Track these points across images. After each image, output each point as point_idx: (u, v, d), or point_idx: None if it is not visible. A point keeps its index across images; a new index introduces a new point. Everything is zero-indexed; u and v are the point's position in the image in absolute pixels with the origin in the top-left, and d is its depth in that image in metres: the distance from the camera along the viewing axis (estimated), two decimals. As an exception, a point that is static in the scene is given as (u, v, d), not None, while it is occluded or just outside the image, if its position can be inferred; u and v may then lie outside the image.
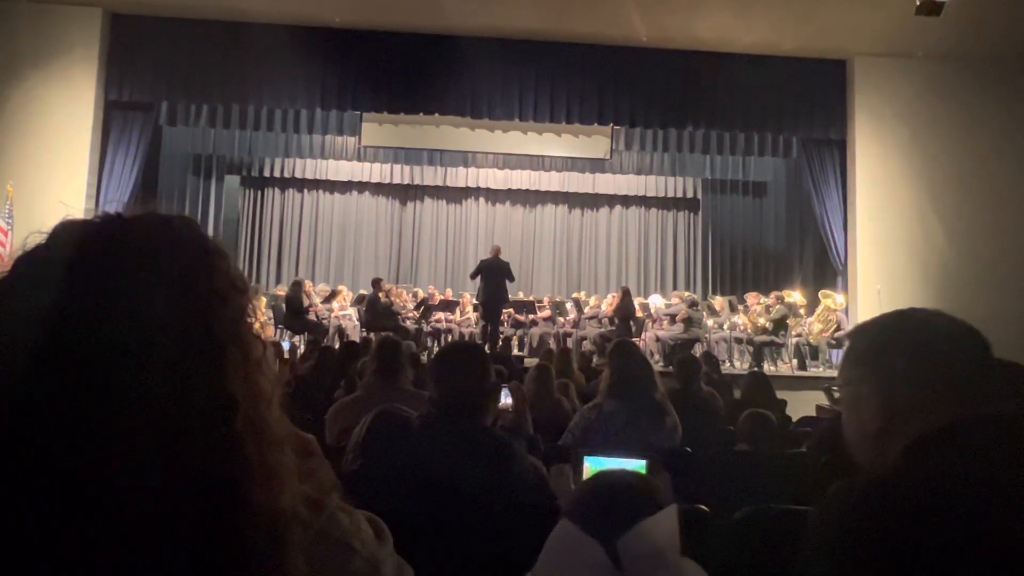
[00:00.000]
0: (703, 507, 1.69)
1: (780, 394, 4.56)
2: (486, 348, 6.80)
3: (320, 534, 0.52)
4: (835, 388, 0.99)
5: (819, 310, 8.44)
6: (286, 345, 7.35)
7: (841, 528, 0.67)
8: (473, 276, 8.35)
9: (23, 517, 0.44)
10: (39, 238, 0.52)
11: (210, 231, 0.59)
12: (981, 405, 0.73)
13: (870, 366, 0.80)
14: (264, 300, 8.86)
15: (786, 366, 8.28)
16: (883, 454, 0.74)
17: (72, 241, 0.51)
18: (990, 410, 0.72)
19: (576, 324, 9.15)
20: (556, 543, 0.75)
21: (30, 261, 0.51)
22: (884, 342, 0.81)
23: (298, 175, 11.65)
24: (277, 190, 11.99)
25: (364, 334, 8.10)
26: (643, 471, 1.43)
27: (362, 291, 9.54)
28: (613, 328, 8.39)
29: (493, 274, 7.98)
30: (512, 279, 8.27)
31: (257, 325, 0.54)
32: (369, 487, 1.56)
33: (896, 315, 0.83)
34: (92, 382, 0.46)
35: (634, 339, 7.94)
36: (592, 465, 1.44)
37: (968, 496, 0.65)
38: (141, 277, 0.49)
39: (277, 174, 11.60)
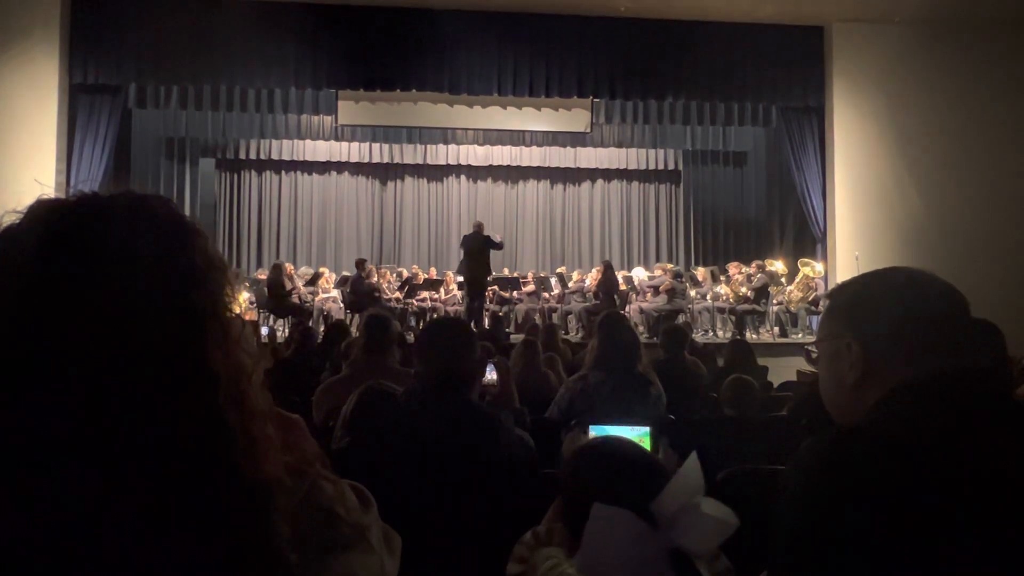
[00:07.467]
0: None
1: (762, 361, 4.65)
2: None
3: (304, 501, 0.52)
4: (813, 349, 1.03)
5: (798, 278, 8.55)
6: (264, 331, 7.30)
7: (812, 478, 0.69)
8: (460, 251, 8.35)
9: (3, 493, 0.44)
10: (15, 217, 0.52)
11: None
12: (955, 359, 0.75)
13: (849, 319, 0.81)
14: (246, 286, 8.77)
15: (767, 334, 8.41)
16: (857, 409, 0.76)
17: (49, 219, 0.50)
18: (963, 364, 0.74)
19: (561, 299, 9.19)
20: (595, 526, 0.78)
21: (6, 239, 0.50)
22: (864, 297, 0.82)
23: (275, 156, 11.43)
24: (254, 172, 11.77)
25: (349, 316, 8.06)
26: (647, 438, 1.49)
27: (345, 273, 9.47)
28: (598, 302, 8.44)
29: (473, 250, 7.98)
30: (498, 247, 8.24)
31: (236, 308, 0.54)
32: (358, 463, 1.57)
33: (878, 272, 0.85)
34: (72, 358, 0.47)
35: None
36: (597, 435, 1.49)
37: (937, 445, 0.67)
38: (119, 254, 0.49)
39: (253, 156, 11.36)
